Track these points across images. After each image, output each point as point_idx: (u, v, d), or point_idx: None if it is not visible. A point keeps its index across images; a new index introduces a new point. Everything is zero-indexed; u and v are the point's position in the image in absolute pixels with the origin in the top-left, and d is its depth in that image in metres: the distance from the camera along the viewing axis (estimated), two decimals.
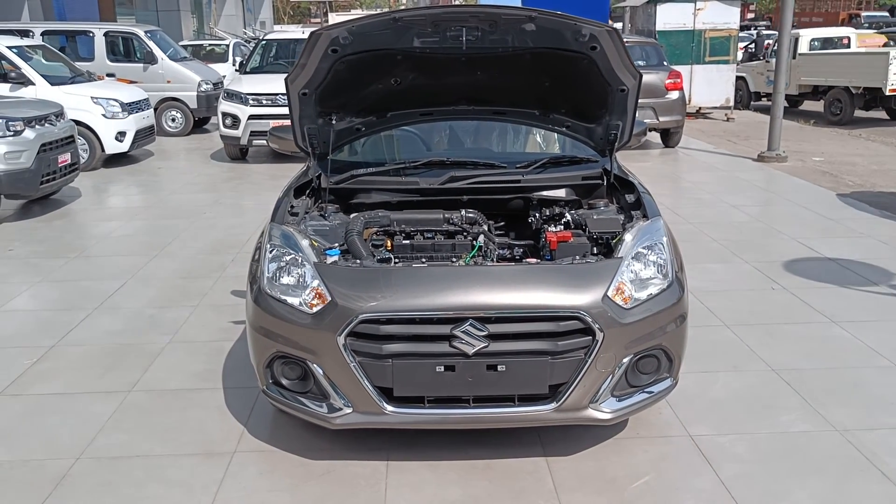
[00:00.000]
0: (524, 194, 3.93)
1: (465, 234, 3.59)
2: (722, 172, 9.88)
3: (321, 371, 3.04)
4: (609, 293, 3.01)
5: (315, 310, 3.03)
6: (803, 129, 14.10)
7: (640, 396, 3.18)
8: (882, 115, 15.27)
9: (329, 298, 3.01)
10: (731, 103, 15.34)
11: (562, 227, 3.60)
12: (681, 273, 3.31)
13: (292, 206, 3.67)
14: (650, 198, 3.66)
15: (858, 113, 14.93)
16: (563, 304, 2.96)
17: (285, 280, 3.17)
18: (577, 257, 3.24)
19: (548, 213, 3.77)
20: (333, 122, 3.87)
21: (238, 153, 10.97)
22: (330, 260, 3.22)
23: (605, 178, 3.95)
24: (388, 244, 3.56)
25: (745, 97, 17.37)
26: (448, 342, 2.93)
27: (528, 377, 2.99)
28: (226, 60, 18.65)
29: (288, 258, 3.21)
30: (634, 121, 3.77)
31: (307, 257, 3.17)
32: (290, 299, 3.10)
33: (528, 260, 3.42)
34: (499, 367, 2.95)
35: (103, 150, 10.36)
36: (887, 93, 13.89)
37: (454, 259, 3.42)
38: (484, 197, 3.87)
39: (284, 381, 3.20)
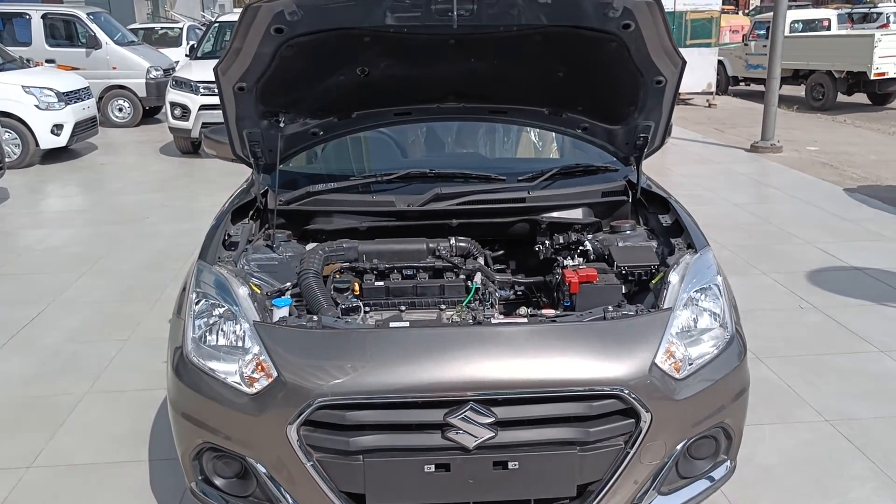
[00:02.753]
0: (530, 216, 3.11)
1: (456, 270, 2.77)
2: (716, 165, 9.18)
3: (265, 470, 2.22)
4: (657, 360, 2.23)
5: (256, 388, 2.20)
6: (787, 115, 13.47)
7: (694, 490, 2.40)
8: (864, 99, 14.73)
9: (275, 374, 2.18)
10: (714, 88, 14.72)
11: (580, 259, 2.80)
12: (739, 323, 2.54)
13: (229, 235, 2.82)
14: (692, 219, 2.86)
15: (840, 98, 14.38)
16: (597, 377, 2.17)
17: (216, 342, 2.34)
18: (610, 308, 2.41)
19: (561, 241, 2.97)
20: (282, 124, 2.94)
21: (189, 146, 10.14)
22: (277, 315, 2.39)
23: (629, 192, 3.14)
24: (356, 287, 2.72)
25: (724, 81, 16.76)
26: (441, 432, 2.13)
27: (548, 476, 2.19)
28: (179, 45, 17.51)
29: (219, 312, 2.37)
30: (670, 121, 2.94)
31: (245, 313, 2.33)
32: (221, 370, 2.27)
33: (543, 311, 2.58)
34: (510, 464, 2.16)
35: (38, 144, 9.43)
36: (872, 77, 13.36)
37: (443, 307, 2.61)
38: (479, 220, 3.04)
39: (218, 481, 2.37)
